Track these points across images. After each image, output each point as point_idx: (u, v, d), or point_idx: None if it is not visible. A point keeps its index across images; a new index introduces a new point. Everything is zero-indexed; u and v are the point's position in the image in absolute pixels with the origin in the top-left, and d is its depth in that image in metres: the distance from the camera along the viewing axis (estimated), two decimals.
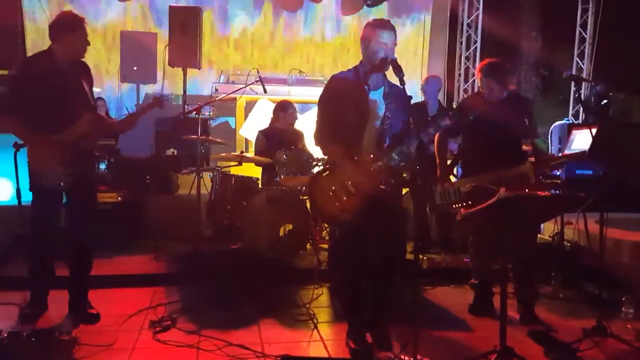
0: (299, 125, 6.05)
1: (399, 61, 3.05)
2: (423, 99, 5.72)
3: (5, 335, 2.97)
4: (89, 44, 3.60)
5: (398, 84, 3.03)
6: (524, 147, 4.16)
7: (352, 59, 8.37)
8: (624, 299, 4.01)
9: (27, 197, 5.00)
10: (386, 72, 3.23)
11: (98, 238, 5.35)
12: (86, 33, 3.59)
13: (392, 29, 3.16)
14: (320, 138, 3.29)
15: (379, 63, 3.10)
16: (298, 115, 5.97)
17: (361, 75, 3.21)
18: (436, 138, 4.02)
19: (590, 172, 5.38)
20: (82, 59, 3.67)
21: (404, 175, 3.20)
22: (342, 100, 3.17)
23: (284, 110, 5.73)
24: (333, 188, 3.12)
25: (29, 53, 7.84)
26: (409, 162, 3.09)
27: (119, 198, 5.70)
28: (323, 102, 3.28)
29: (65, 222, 3.79)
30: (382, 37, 3.12)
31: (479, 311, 4.02)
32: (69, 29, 3.50)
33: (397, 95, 3.19)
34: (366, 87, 3.17)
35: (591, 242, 3.72)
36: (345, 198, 3.09)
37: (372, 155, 3.10)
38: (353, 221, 3.09)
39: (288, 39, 9.09)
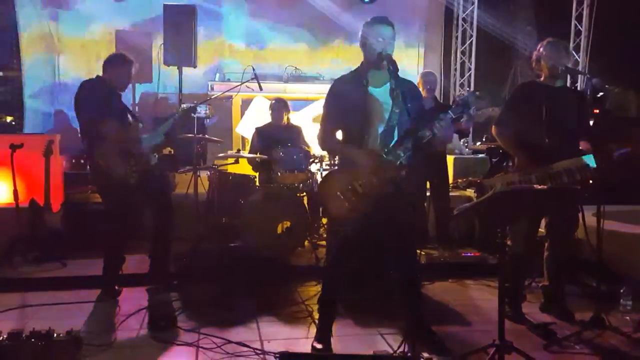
0: (295, 121, 6.05)
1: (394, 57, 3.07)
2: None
3: (5, 336, 2.96)
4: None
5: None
6: None
7: None
8: (621, 291, 4.02)
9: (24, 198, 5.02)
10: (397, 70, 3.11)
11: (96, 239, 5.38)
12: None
13: (389, 24, 3.14)
14: (323, 140, 3.29)
15: (376, 59, 3.09)
16: (288, 111, 5.93)
17: (361, 74, 3.20)
18: (497, 136, 3.79)
19: None
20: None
21: (402, 172, 3.12)
22: (341, 100, 3.17)
23: (271, 109, 5.82)
24: (342, 187, 3.09)
25: (24, 57, 7.97)
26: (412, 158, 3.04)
27: None
28: (324, 104, 3.31)
29: None
30: (378, 32, 3.11)
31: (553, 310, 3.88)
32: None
33: (406, 89, 3.11)
34: (364, 84, 3.13)
35: (589, 235, 3.71)
36: (353, 197, 3.07)
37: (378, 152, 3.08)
38: (360, 221, 3.07)
39: None
